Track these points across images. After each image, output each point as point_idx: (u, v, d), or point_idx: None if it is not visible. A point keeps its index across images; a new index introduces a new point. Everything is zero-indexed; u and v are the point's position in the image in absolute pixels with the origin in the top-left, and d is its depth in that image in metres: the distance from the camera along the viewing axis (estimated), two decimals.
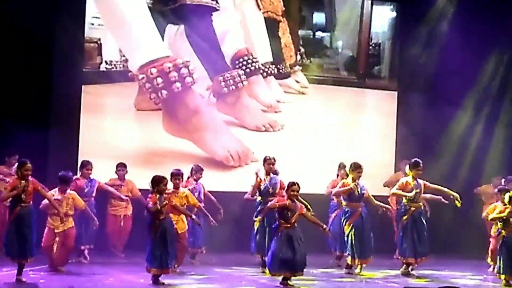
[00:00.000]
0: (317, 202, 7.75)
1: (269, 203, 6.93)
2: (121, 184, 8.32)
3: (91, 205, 7.82)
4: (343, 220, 7.55)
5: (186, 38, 9.14)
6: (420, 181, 7.61)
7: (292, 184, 6.76)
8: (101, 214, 8.15)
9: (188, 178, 7.97)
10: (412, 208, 7.56)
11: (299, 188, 6.77)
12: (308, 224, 6.90)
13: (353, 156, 8.47)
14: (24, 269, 6.51)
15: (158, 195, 6.48)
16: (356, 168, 7.50)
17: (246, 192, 7.93)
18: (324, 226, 6.95)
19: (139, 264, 6.69)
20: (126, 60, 9.05)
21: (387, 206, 7.83)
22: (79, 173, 8.14)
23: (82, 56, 8.99)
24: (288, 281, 6.64)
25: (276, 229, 6.77)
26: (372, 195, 7.72)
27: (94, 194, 8.01)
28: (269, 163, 7.63)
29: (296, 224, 6.72)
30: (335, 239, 7.96)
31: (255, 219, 7.56)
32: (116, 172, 8.31)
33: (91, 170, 8.02)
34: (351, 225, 7.43)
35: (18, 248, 6.41)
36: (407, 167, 7.82)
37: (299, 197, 6.87)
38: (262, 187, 7.59)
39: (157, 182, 6.50)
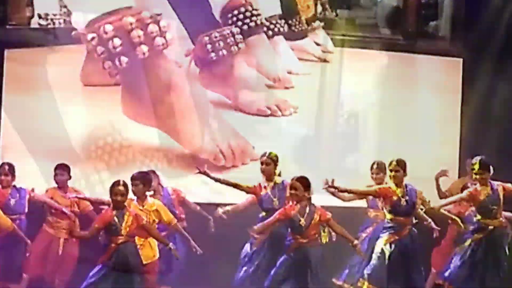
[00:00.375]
0: (347, 217, 7.78)
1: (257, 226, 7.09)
2: (62, 194, 8.24)
3: (21, 226, 7.86)
4: (381, 235, 7.55)
5: None
6: (497, 184, 7.61)
7: (292, 179, 6.98)
8: (33, 237, 8.04)
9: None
10: (490, 227, 7.62)
11: (305, 183, 6.91)
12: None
13: (398, 151, 8.42)
14: None
15: (114, 210, 6.69)
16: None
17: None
18: (355, 241, 7.10)
19: None
20: (69, 13, 9.12)
21: (454, 217, 7.83)
22: None
23: (5, 8, 9.08)
24: None
25: (287, 247, 6.97)
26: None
27: (26, 210, 8.04)
28: (262, 161, 7.68)
29: (318, 240, 6.94)
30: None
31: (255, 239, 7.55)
32: (54, 178, 8.21)
33: (9, 175, 7.94)
34: (392, 245, 7.42)
35: None
36: None
37: None
38: (263, 198, 7.64)
39: (110, 190, 6.74)
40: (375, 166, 8.35)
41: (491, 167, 7.59)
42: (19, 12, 9.41)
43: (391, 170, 7.52)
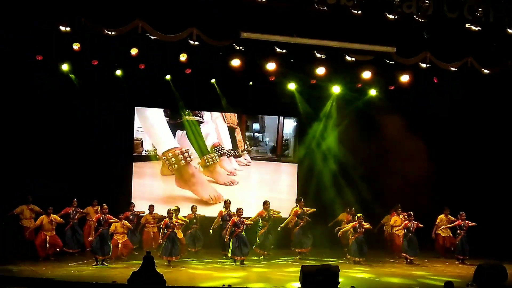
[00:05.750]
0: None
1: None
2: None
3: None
4: None
5: (186, 137, 20.08)
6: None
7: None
8: None
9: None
10: None
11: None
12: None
13: (273, 196, 19.11)
14: None
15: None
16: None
17: (215, 218, 17.86)
18: None
19: None
20: (155, 149, 19.62)
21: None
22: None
23: (132, 147, 19.65)
24: None
25: None
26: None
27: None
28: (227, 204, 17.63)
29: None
30: None
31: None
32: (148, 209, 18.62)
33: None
34: None
35: None
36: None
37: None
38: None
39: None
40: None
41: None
42: (138, 149, 20.27)
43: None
